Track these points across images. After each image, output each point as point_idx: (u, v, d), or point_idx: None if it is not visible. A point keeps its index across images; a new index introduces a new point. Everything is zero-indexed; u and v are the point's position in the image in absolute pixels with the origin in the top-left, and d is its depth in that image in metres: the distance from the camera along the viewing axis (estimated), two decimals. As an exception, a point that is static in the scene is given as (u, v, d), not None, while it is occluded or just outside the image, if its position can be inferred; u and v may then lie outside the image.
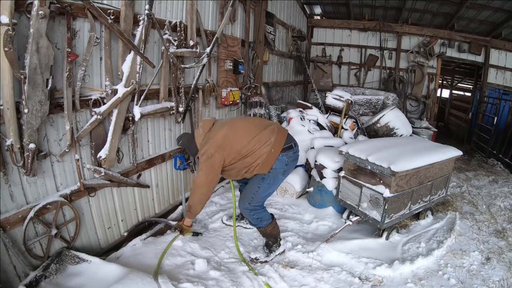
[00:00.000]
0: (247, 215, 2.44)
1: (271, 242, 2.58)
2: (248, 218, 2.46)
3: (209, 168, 2.19)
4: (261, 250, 2.60)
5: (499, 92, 6.73)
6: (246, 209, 2.40)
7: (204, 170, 2.21)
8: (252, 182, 2.39)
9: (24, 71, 1.61)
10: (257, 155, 2.24)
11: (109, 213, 2.45)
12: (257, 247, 2.72)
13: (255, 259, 2.51)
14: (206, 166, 2.20)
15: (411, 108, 7.14)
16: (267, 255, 2.53)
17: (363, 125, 4.87)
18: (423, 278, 2.39)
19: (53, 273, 1.90)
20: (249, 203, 2.38)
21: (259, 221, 2.46)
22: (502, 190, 4.28)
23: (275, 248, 2.58)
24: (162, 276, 2.02)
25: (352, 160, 2.91)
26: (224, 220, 3.05)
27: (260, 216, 2.45)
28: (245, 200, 2.40)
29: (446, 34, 6.63)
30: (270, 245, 2.58)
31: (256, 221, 2.45)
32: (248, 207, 2.39)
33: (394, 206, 2.72)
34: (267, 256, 2.53)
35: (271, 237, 2.57)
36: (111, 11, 2.07)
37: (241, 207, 2.44)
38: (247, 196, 2.40)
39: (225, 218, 3.08)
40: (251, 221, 2.48)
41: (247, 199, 2.39)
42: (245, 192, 2.44)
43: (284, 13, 5.85)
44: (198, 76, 3.07)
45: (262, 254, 2.54)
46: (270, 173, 2.32)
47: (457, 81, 11.03)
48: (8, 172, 1.72)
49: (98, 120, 2.10)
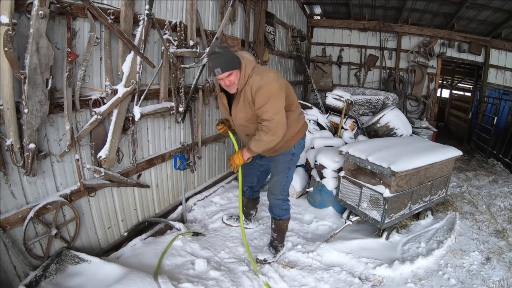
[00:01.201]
0: (278, 206, 2.44)
1: (277, 242, 2.57)
2: (278, 208, 2.45)
3: (278, 97, 1.95)
4: (267, 251, 2.57)
5: (499, 92, 6.73)
6: (279, 199, 2.42)
7: (273, 100, 1.92)
8: (278, 172, 2.38)
9: (24, 71, 1.61)
10: (299, 119, 2.24)
11: (109, 213, 2.45)
12: (258, 247, 2.72)
13: (264, 261, 2.48)
14: (275, 94, 1.93)
15: (411, 108, 7.14)
16: (274, 256, 2.53)
17: (363, 125, 4.87)
18: (423, 278, 2.39)
19: (53, 273, 1.90)
20: (282, 194, 2.41)
21: (286, 212, 2.48)
22: (502, 190, 4.28)
23: (280, 248, 2.58)
24: (162, 276, 2.02)
25: (352, 160, 2.91)
26: (224, 220, 3.03)
27: (288, 207, 2.50)
28: (277, 191, 2.40)
29: (446, 34, 6.62)
30: (276, 245, 2.57)
31: (283, 212, 2.46)
32: (281, 197, 2.42)
33: (394, 206, 2.72)
34: (274, 257, 2.52)
35: (281, 235, 2.56)
36: (111, 11, 2.07)
37: (273, 198, 2.44)
38: (277, 187, 2.40)
39: (225, 217, 3.05)
40: (277, 213, 2.47)
41: (279, 190, 2.40)
42: (274, 183, 2.42)
43: (284, 13, 5.85)
44: (198, 76, 3.07)
45: (269, 255, 2.52)
46: (293, 160, 2.35)
47: (457, 81, 11.03)
48: (8, 172, 1.72)
49: (98, 120, 2.10)
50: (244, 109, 2.05)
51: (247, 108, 2.04)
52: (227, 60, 1.93)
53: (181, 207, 3.12)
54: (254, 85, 1.94)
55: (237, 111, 2.09)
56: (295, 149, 2.33)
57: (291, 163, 2.37)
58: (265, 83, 1.92)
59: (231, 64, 1.94)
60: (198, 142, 3.36)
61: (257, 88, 1.92)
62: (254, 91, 1.93)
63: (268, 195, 2.50)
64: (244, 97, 2.01)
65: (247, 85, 1.98)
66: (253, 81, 1.95)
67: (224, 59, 1.92)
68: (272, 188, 2.44)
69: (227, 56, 1.93)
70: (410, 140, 3.54)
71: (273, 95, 1.93)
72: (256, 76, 1.96)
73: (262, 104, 1.93)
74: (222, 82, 2.01)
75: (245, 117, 2.08)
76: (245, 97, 2.01)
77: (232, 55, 1.97)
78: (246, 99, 2.01)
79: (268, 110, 1.93)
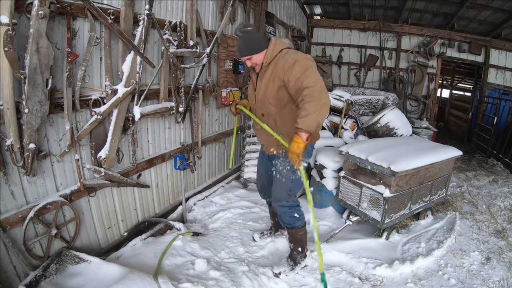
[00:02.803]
0: (286, 213, 2.25)
1: (296, 253, 2.39)
2: (286, 216, 2.26)
3: (315, 70, 1.86)
4: (285, 263, 2.40)
5: (499, 92, 6.73)
6: (285, 206, 2.24)
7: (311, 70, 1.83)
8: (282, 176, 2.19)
9: (24, 71, 1.61)
10: None
11: (109, 213, 2.45)
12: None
13: (279, 274, 2.30)
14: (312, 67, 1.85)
15: (411, 108, 7.13)
16: (292, 268, 2.36)
17: (363, 125, 4.87)
18: (423, 278, 2.39)
19: (53, 273, 1.91)
20: (287, 200, 2.22)
21: (297, 219, 2.27)
22: (502, 190, 4.28)
23: (300, 259, 2.39)
24: (162, 276, 2.02)
25: (352, 160, 2.91)
26: (256, 238, 2.77)
27: (299, 213, 2.29)
28: (281, 197, 2.22)
29: (446, 34, 6.62)
30: (295, 256, 2.39)
31: (293, 219, 2.25)
32: (287, 204, 2.23)
33: (394, 206, 2.72)
34: (292, 270, 2.35)
35: (298, 245, 2.37)
36: (111, 11, 2.07)
37: (278, 206, 2.26)
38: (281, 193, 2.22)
39: (257, 235, 2.78)
40: (287, 221, 2.27)
41: (283, 195, 2.21)
42: (278, 189, 2.23)
43: (284, 13, 5.84)
44: (198, 76, 3.07)
45: (286, 268, 2.35)
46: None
47: (457, 81, 11.03)
48: (8, 172, 1.72)
49: (98, 120, 2.10)
50: (267, 83, 2.03)
51: (269, 83, 2.01)
52: (246, 45, 1.98)
53: (181, 207, 3.12)
54: (289, 59, 1.91)
55: (261, 85, 2.08)
56: None
57: None
58: (302, 58, 1.90)
59: (250, 49, 1.99)
60: (198, 142, 3.36)
61: (293, 61, 1.87)
62: (289, 65, 1.88)
63: (273, 202, 2.34)
64: (272, 71, 2.00)
65: (279, 60, 1.97)
66: (288, 56, 1.93)
67: (243, 44, 1.99)
68: (276, 195, 2.25)
69: (247, 40, 1.97)
70: (410, 140, 3.54)
71: (310, 66, 1.86)
72: (292, 53, 1.95)
73: (301, 73, 1.83)
74: (247, 62, 2.08)
75: (266, 91, 2.05)
76: (273, 71, 1.99)
77: (252, 39, 1.97)
78: (274, 73, 1.98)
79: (309, 76, 1.81)
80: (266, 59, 2.01)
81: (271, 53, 2.00)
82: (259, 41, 2.00)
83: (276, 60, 2.00)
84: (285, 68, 1.90)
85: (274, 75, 1.98)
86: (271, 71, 2.01)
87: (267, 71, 2.03)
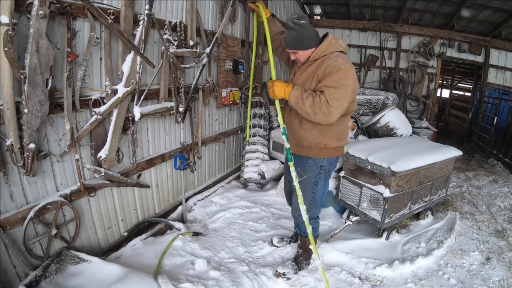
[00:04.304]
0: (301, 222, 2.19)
1: (302, 258, 2.44)
2: (302, 225, 2.22)
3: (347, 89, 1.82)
4: (289, 265, 2.43)
5: (499, 92, 6.73)
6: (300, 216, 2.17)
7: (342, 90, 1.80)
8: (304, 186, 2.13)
9: (24, 71, 1.61)
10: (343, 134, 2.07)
11: (109, 213, 2.45)
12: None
13: (283, 274, 2.33)
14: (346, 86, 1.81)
15: (411, 108, 7.13)
16: (295, 272, 2.39)
17: (363, 125, 4.86)
18: (423, 278, 2.39)
19: (53, 273, 1.90)
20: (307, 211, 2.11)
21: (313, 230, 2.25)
22: (502, 190, 4.28)
23: (304, 265, 2.45)
24: (162, 276, 2.02)
25: (352, 160, 2.91)
26: (275, 243, 2.74)
27: (316, 225, 2.37)
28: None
29: (446, 34, 6.62)
30: (301, 261, 2.44)
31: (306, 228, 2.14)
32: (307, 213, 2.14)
33: (394, 206, 2.72)
34: (295, 273, 2.38)
35: (307, 253, 2.42)
36: (111, 11, 2.07)
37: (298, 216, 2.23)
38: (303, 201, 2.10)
39: (276, 240, 2.76)
40: (304, 230, 2.24)
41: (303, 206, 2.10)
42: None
43: (284, 13, 5.84)
44: (198, 76, 3.07)
45: (290, 270, 2.37)
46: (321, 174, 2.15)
47: (457, 81, 11.03)
48: (8, 172, 1.72)
49: (98, 120, 2.10)
50: (306, 78, 1.97)
51: (309, 79, 1.96)
52: (295, 38, 1.92)
53: (181, 207, 3.12)
54: (335, 63, 1.85)
55: (300, 77, 2.02)
56: (324, 162, 2.12)
57: (319, 177, 2.15)
58: (346, 69, 1.84)
59: (298, 44, 1.93)
60: (198, 142, 3.36)
61: (337, 69, 1.83)
62: (331, 69, 1.84)
63: (293, 211, 2.32)
64: (316, 68, 1.94)
65: (326, 60, 1.91)
66: (335, 61, 1.87)
67: (292, 37, 1.92)
68: (297, 204, 2.09)
69: (297, 34, 1.90)
70: (410, 140, 3.54)
71: (345, 87, 1.82)
72: (340, 60, 1.88)
73: (334, 87, 1.81)
74: (290, 55, 2.02)
75: (303, 86, 1.97)
76: (316, 68, 1.93)
77: (302, 35, 1.90)
78: (315, 72, 1.93)
79: (335, 96, 1.79)
80: (314, 55, 1.95)
81: (322, 51, 1.93)
82: (309, 38, 1.92)
83: (323, 59, 1.93)
84: (326, 71, 1.86)
85: (315, 74, 1.93)
86: (314, 67, 1.95)
87: (311, 67, 1.97)
